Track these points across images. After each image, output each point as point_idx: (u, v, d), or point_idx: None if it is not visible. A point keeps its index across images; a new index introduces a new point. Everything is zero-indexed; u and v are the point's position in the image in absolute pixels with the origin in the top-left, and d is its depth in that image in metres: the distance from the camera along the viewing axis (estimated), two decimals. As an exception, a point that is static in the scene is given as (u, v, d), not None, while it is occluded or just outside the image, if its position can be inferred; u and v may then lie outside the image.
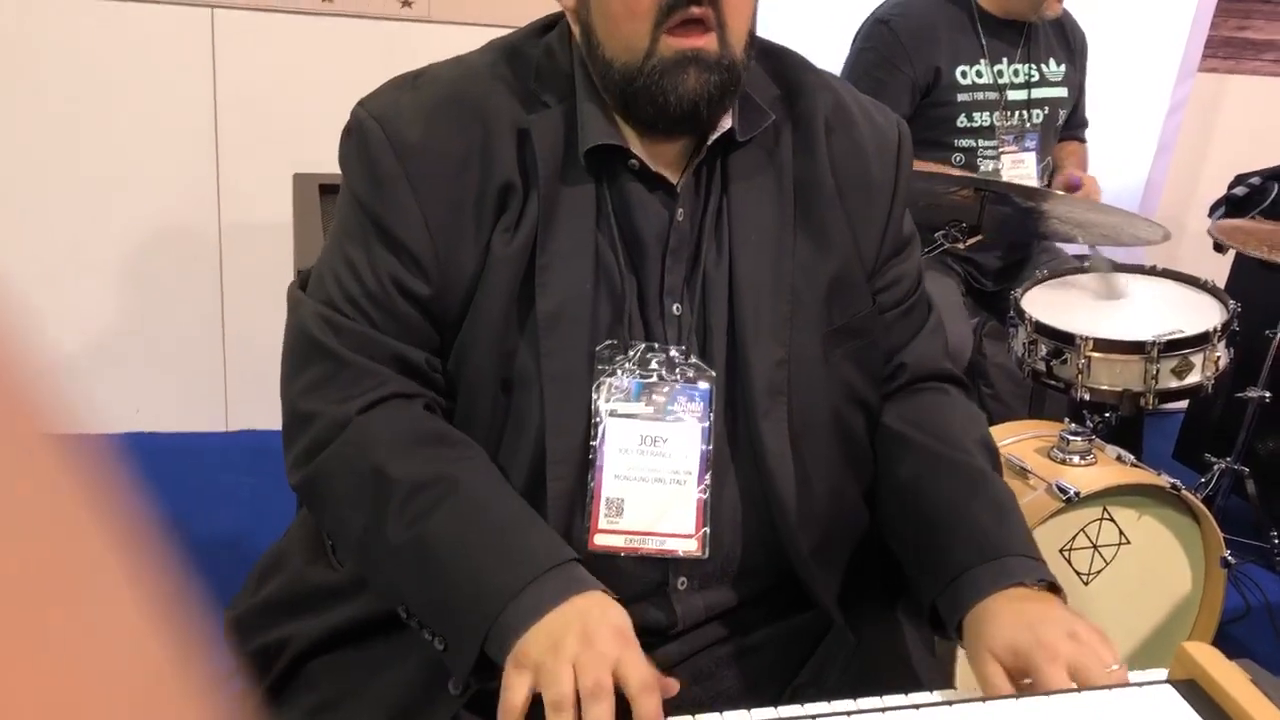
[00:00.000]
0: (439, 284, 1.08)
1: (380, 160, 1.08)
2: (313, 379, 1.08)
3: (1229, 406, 2.67)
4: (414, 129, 1.08)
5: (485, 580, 0.96)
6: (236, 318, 2.95)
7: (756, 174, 1.14)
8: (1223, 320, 2.05)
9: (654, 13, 1.03)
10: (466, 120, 1.09)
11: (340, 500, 1.05)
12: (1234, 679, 0.93)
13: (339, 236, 1.12)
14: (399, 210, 1.07)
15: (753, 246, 1.12)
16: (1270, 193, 3.02)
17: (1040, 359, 2.09)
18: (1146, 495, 2.03)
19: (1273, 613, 2.63)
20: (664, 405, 1.10)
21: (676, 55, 1.04)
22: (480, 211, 1.08)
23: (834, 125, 1.18)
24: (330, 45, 2.77)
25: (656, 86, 1.05)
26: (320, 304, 1.09)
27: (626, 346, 1.10)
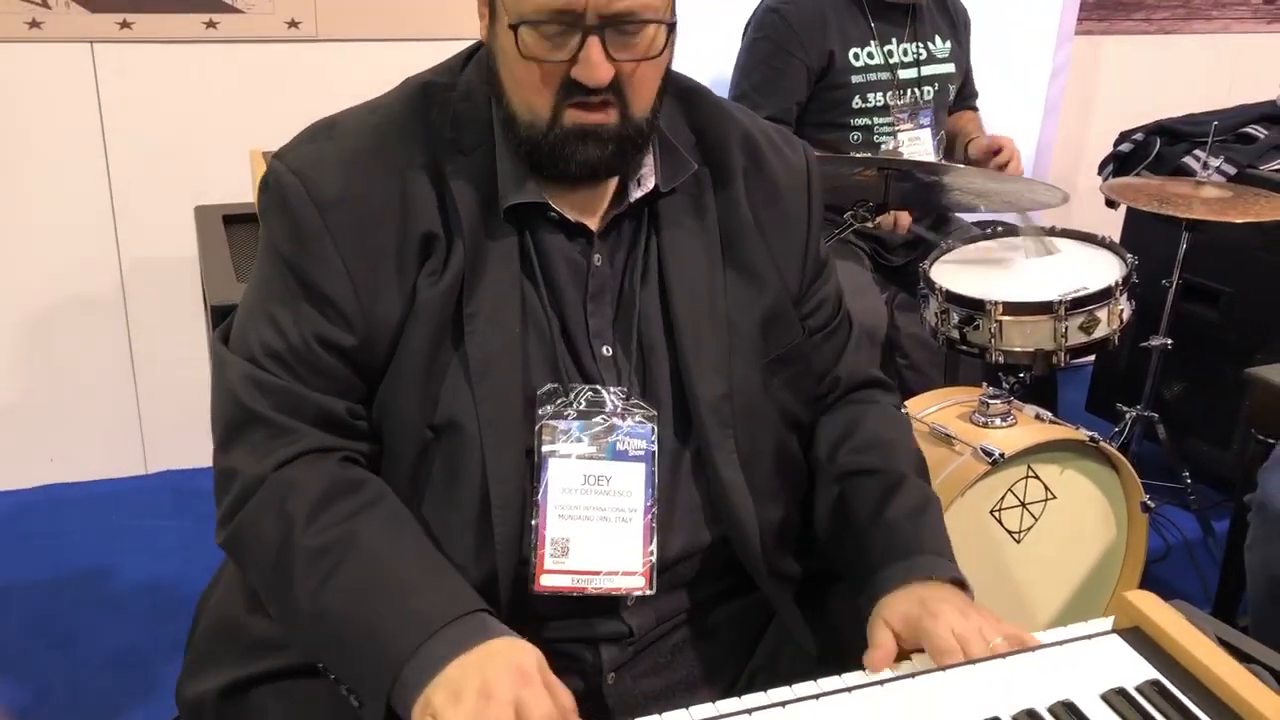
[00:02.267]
0: (363, 334, 1.08)
1: (301, 215, 1.07)
2: (236, 438, 1.08)
3: (1134, 356, 2.77)
4: (333, 182, 1.08)
5: (383, 642, 0.96)
6: (146, 356, 2.88)
7: (683, 219, 1.17)
8: (1123, 274, 2.12)
9: (556, 89, 1.05)
10: (384, 171, 1.09)
11: (256, 562, 1.05)
12: (1173, 621, 0.97)
13: (261, 291, 1.11)
14: (321, 263, 1.07)
15: (687, 288, 1.15)
16: (1154, 147, 3.13)
17: (953, 327, 2.14)
18: (1067, 450, 2.10)
19: (1191, 550, 2.74)
20: (607, 444, 1.12)
21: (577, 128, 1.06)
22: (402, 260, 1.08)
23: (749, 167, 1.21)
24: (218, 71, 2.71)
25: (558, 153, 1.07)
26: (245, 361, 1.08)
27: (568, 389, 1.12)
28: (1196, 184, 2.65)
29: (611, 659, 1.14)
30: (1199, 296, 2.95)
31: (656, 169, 1.15)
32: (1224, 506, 2.72)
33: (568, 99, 1.05)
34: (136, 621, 2.39)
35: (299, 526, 1.01)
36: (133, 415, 2.92)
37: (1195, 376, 3.02)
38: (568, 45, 1.03)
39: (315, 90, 2.78)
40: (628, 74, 1.05)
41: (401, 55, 2.82)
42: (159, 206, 2.73)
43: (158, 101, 2.69)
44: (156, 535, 2.70)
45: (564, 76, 1.04)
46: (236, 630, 1.15)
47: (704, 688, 1.17)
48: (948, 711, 0.89)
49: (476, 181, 1.10)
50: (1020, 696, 0.90)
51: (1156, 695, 0.91)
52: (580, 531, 1.10)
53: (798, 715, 0.89)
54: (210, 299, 1.89)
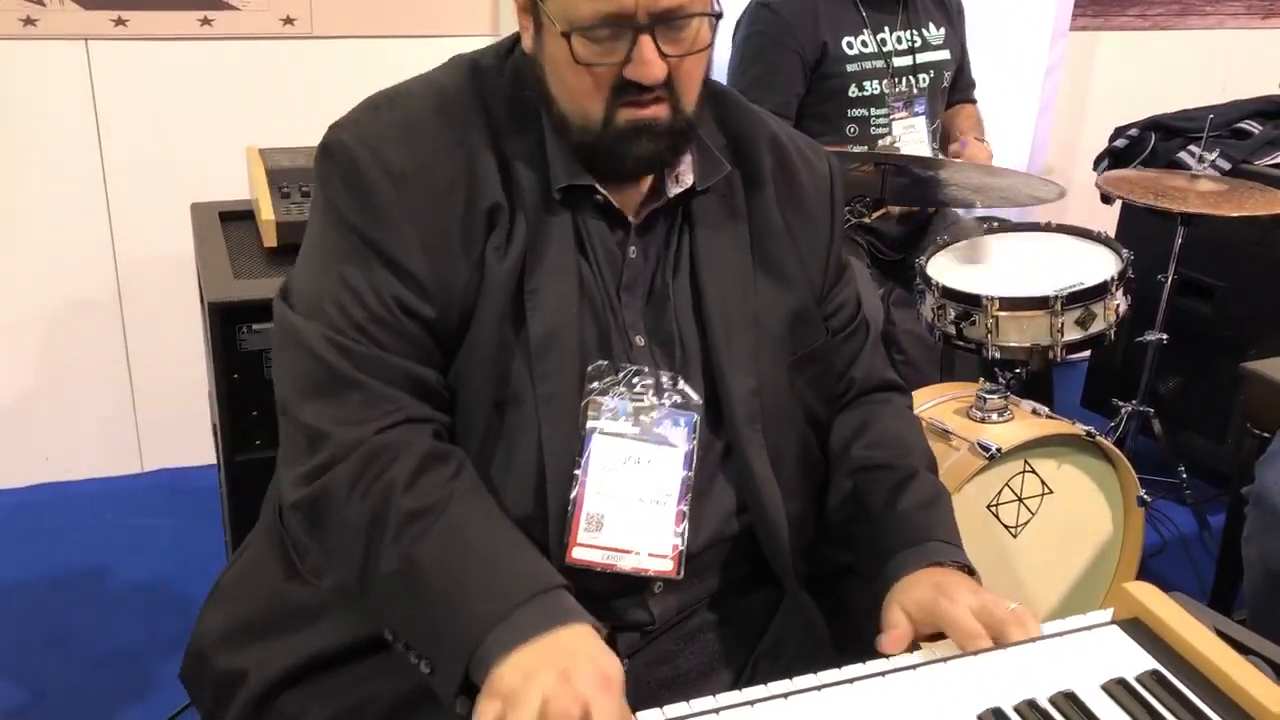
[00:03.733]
0: (440, 305, 1.08)
1: (372, 186, 1.07)
2: (324, 400, 1.06)
3: (1130, 351, 2.77)
4: (402, 154, 1.08)
5: (470, 607, 0.96)
6: (142, 354, 2.87)
7: (716, 218, 1.19)
8: (1119, 269, 2.12)
9: (609, 91, 1.07)
10: (449, 144, 1.10)
11: (344, 522, 1.03)
12: (1173, 613, 0.97)
13: (330, 258, 1.10)
14: (397, 235, 1.07)
15: (719, 285, 1.18)
16: (1149, 142, 3.14)
17: (949, 322, 2.14)
18: (1064, 445, 2.10)
19: (1186, 544, 2.75)
20: (650, 427, 1.14)
21: (631, 125, 1.08)
22: (469, 232, 1.09)
23: (777, 171, 1.24)
24: (213, 69, 2.71)
25: (613, 152, 1.09)
26: (325, 328, 1.07)
27: (617, 368, 1.14)
28: (1191, 178, 2.66)
29: (627, 646, 1.15)
30: (1194, 291, 2.96)
31: (694, 168, 1.17)
32: (1219, 501, 2.72)
33: (621, 99, 1.07)
34: (132, 620, 2.38)
35: (399, 490, 1.01)
36: (128, 414, 2.92)
37: (1191, 371, 3.03)
38: (619, 47, 1.05)
39: (311, 87, 2.78)
40: (677, 68, 1.07)
41: (397, 52, 2.83)
42: (155, 204, 2.72)
43: (153, 98, 2.69)
44: (152, 534, 2.70)
45: (617, 78, 1.06)
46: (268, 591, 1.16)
47: (713, 674, 1.18)
48: (949, 702, 0.89)
49: (534, 161, 1.12)
50: (1021, 687, 0.91)
51: (1157, 685, 0.91)
52: (615, 509, 1.11)
53: (799, 707, 0.89)
54: (207, 296, 1.89)
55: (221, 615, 1.21)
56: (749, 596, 1.23)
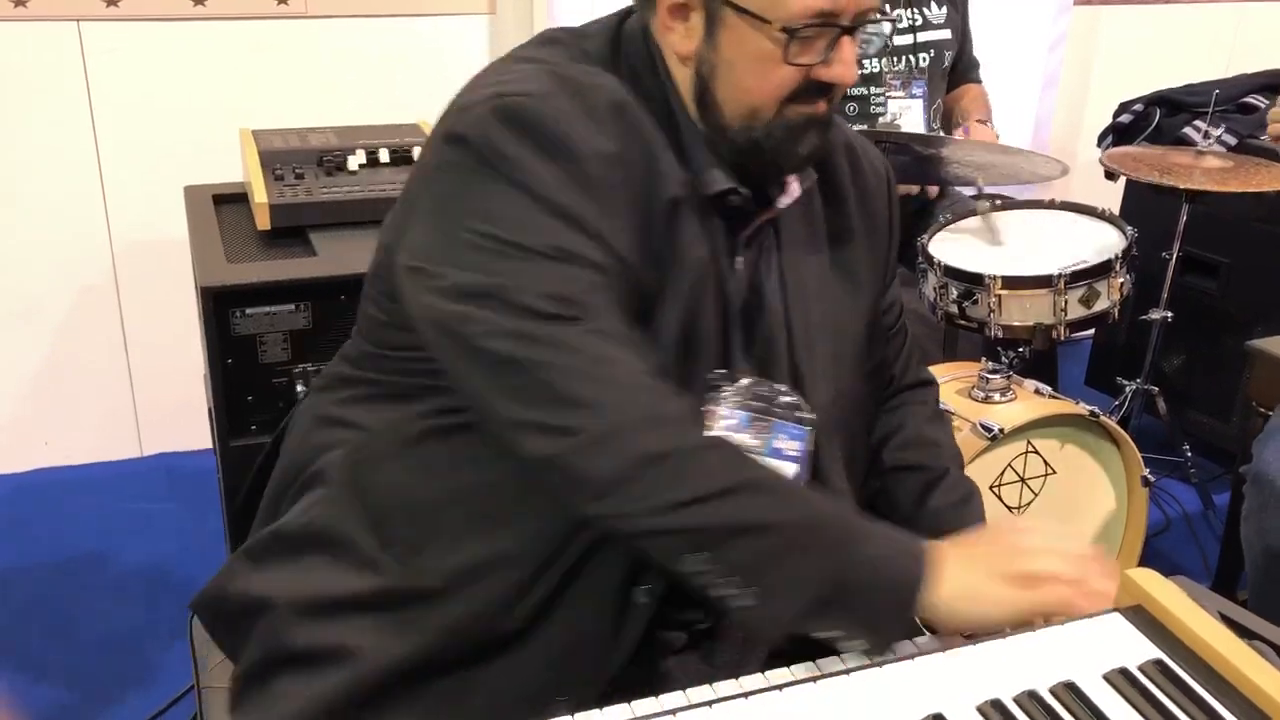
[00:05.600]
0: (641, 293, 1.05)
1: (588, 164, 1.01)
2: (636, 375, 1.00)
3: (1134, 329, 2.75)
4: (600, 136, 1.03)
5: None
6: (140, 338, 2.86)
7: (797, 227, 1.19)
8: (1123, 247, 2.10)
9: (790, 92, 1.06)
10: (635, 132, 1.06)
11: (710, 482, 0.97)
12: (1175, 599, 0.96)
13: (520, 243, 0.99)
14: (607, 217, 1.02)
15: (802, 294, 1.17)
16: (1153, 118, 3.11)
17: (952, 301, 2.12)
18: (1066, 424, 2.09)
19: (1191, 523, 2.73)
20: (768, 440, 1.13)
21: (802, 119, 1.07)
22: (653, 221, 1.06)
23: (852, 177, 1.23)
24: (207, 50, 2.68)
25: (779, 149, 1.08)
26: (585, 326, 0.98)
27: (734, 377, 1.13)
28: (1197, 154, 2.62)
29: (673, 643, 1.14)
30: (1199, 268, 2.93)
31: (799, 178, 1.16)
32: (1224, 479, 2.71)
33: (797, 99, 1.06)
34: (133, 605, 2.38)
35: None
36: (127, 398, 2.91)
37: (1195, 349, 3.01)
38: (819, 46, 1.04)
39: (305, 68, 2.75)
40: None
41: (391, 31, 2.80)
42: (150, 187, 2.70)
43: (146, 80, 2.66)
44: (152, 518, 2.70)
45: (804, 79, 1.05)
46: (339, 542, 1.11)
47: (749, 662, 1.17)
48: (949, 693, 0.88)
49: (687, 158, 1.10)
50: (1022, 677, 0.89)
51: (1159, 674, 0.89)
52: None
53: (796, 697, 0.88)
54: (200, 280, 1.87)
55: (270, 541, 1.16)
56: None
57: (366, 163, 2.17)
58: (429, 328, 1.03)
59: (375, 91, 2.81)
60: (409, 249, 1.05)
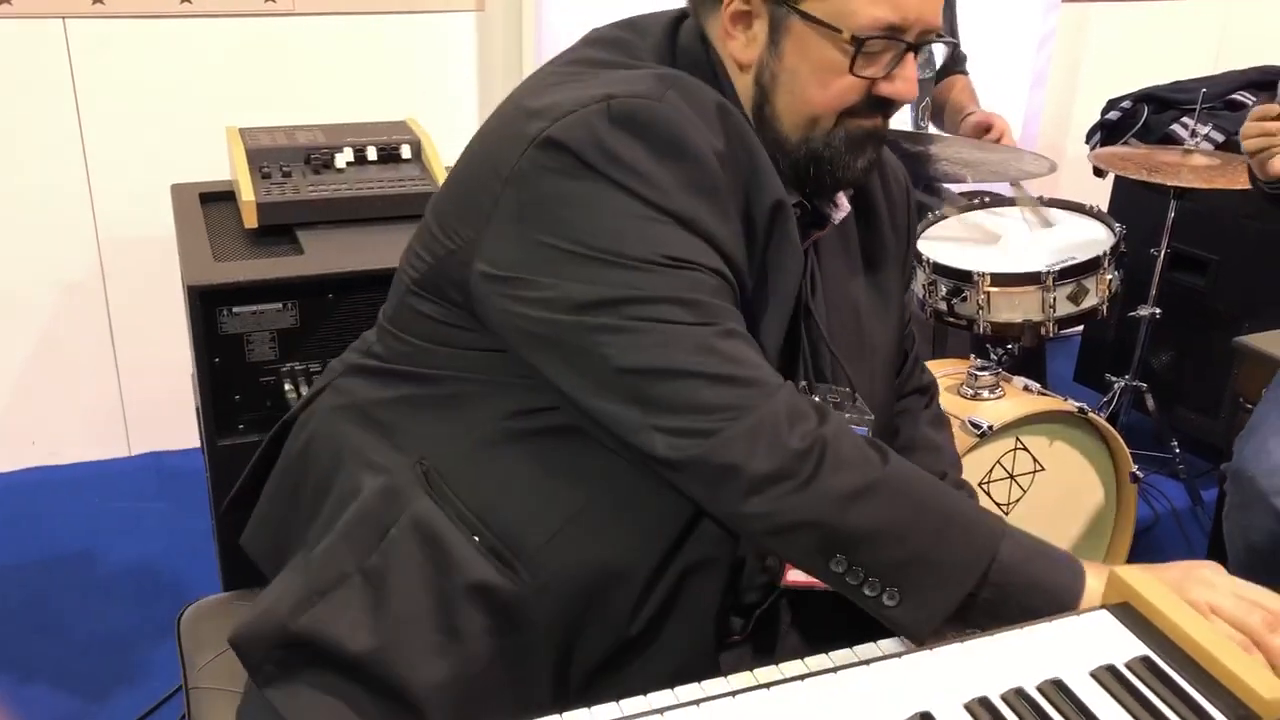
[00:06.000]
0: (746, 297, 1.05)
1: (705, 165, 1.00)
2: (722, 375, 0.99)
3: (1122, 326, 2.76)
4: (713, 136, 1.02)
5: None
6: (127, 337, 2.85)
7: (833, 244, 1.19)
8: (1111, 244, 2.11)
9: (849, 105, 1.06)
10: (739, 136, 1.05)
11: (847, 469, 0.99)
12: (1162, 596, 0.96)
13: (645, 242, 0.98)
14: (721, 218, 1.01)
15: (840, 312, 1.18)
16: (1141, 115, 3.11)
17: (941, 299, 2.13)
18: (1055, 421, 2.09)
19: (1180, 519, 2.74)
20: None
21: (861, 133, 1.07)
22: (756, 225, 1.06)
23: (882, 192, 1.24)
24: (193, 47, 2.67)
25: (839, 160, 1.08)
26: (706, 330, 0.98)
27: (811, 386, 1.14)
28: (1185, 152, 2.63)
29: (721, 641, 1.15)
30: (1187, 265, 2.94)
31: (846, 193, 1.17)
32: (1212, 475, 2.72)
33: (856, 113, 1.06)
34: (122, 604, 2.37)
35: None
36: (114, 397, 2.89)
37: (1183, 346, 3.02)
38: (883, 60, 1.04)
39: (292, 65, 2.74)
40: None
41: (379, 28, 2.79)
42: (137, 184, 2.69)
43: (132, 77, 2.65)
44: (140, 517, 2.68)
45: (866, 92, 1.05)
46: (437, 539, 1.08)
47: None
48: (936, 691, 0.88)
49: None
50: (1009, 675, 0.89)
51: (1146, 672, 0.90)
52: None
53: (782, 696, 0.88)
54: (187, 278, 1.86)
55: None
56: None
57: (354, 161, 2.16)
58: (523, 337, 1.02)
59: (363, 89, 2.80)
60: (492, 258, 1.03)
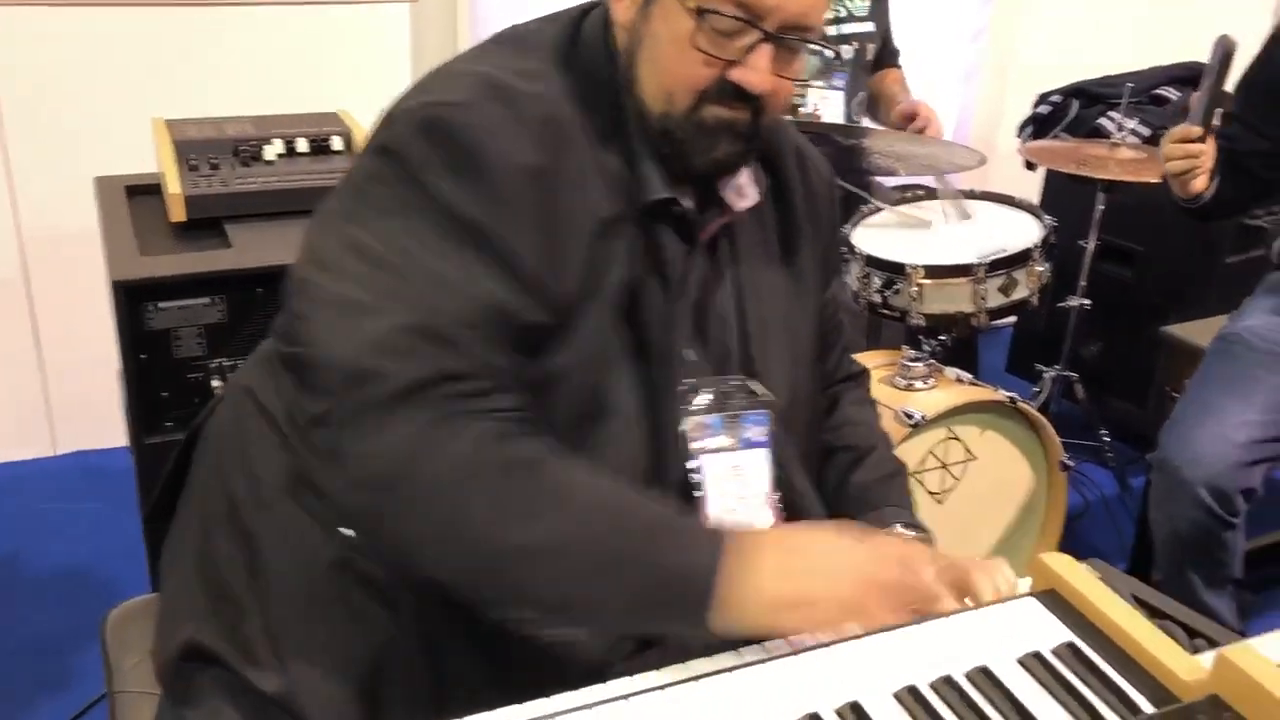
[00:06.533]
0: (547, 308, 1.01)
1: (499, 178, 0.99)
2: (414, 396, 0.94)
3: (1053, 317, 2.81)
4: (528, 149, 1.00)
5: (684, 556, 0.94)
6: (52, 334, 2.78)
7: (750, 232, 1.19)
8: (1041, 235, 2.14)
9: (705, 86, 1.04)
10: (566, 148, 1.03)
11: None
12: (1087, 582, 0.97)
13: (417, 247, 0.98)
14: (517, 232, 0.99)
15: (758, 299, 1.17)
16: (1071, 109, 3.17)
17: (874, 291, 2.14)
18: (987, 411, 2.12)
19: (1108, 506, 2.80)
20: (740, 434, 1.13)
21: (716, 122, 1.05)
22: (580, 239, 1.03)
23: (801, 182, 1.24)
24: (118, 36, 2.61)
25: (692, 145, 1.06)
26: (416, 320, 0.95)
27: (700, 384, 1.12)
28: (1112, 145, 2.68)
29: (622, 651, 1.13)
30: (1115, 257, 3.00)
31: (754, 182, 1.16)
32: (1140, 463, 2.77)
33: (712, 98, 1.04)
34: (48, 608, 2.32)
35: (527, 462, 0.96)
36: (39, 395, 2.82)
37: (1112, 336, 3.08)
38: (736, 45, 1.02)
39: (221, 55, 2.69)
40: (775, 88, 1.05)
41: (311, 18, 2.75)
42: (60, 177, 2.62)
43: (55, 67, 2.58)
44: (68, 519, 2.62)
45: (719, 77, 1.03)
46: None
47: None
48: (866, 680, 0.88)
49: (630, 170, 1.08)
50: (938, 663, 0.90)
51: (1071, 657, 0.91)
52: (731, 519, 1.12)
53: (709, 690, 0.88)
54: (112, 274, 1.82)
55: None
56: None
57: (284, 152, 2.13)
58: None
59: (293, 80, 2.75)
60: (301, 252, 1.03)
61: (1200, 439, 1.92)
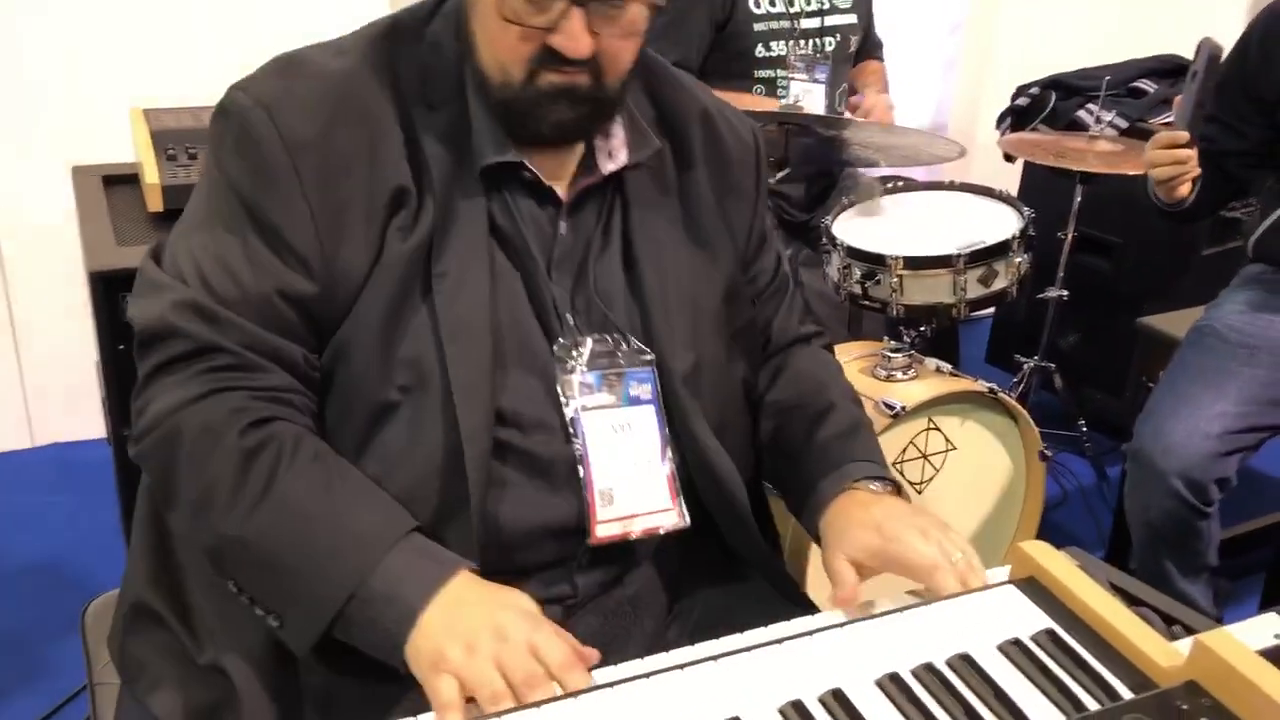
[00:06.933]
0: (324, 281, 1.03)
1: (269, 153, 1.03)
2: (169, 368, 1.03)
3: (1032, 308, 2.82)
4: (304, 124, 1.03)
5: (327, 565, 0.96)
6: (28, 325, 2.76)
7: (648, 195, 1.17)
8: (1020, 227, 2.15)
9: (532, 54, 1.03)
10: (355, 118, 1.05)
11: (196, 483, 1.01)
12: (1065, 570, 0.99)
13: (209, 226, 1.06)
14: (287, 207, 1.03)
15: (655, 264, 1.16)
16: (1049, 101, 3.18)
17: (855, 282, 2.15)
18: (966, 401, 2.13)
19: (1086, 495, 2.82)
20: (623, 392, 1.13)
21: (552, 89, 1.05)
22: (371, 210, 1.04)
23: (707, 144, 1.22)
24: (94, 23, 2.59)
25: (531, 112, 1.06)
26: (190, 294, 1.03)
27: (577, 345, 1.12)
28: (1090, 138, 2.70)
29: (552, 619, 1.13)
30: (1093, 248, 3.01)
31: (627, 143, 1.15)
32: (1117, 453, 2.79)
33: (543, 64, 1.03)
34: (25, 601, 2.30)
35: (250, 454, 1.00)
36: (15, 386, 2.80)
37: (1090, 327, 3.10)
38: (550, 11, 1.01)
39: (198, 43, 2.67)
40: (605, 47, 1.04)
41: (289, 4, 2.73)
42: (36, 166, 2.60)
43: (30, 55, 2.56)
44: (44, 511, 2.61)
45: (541, 42, 1.02)
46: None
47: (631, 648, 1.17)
48: (847, 667, 0.89)
49: (449, 138, 1.07)
50: (919, 650, 0.91)
51: (1050, 644, 0.92)
52: (618, 479, 1.11)
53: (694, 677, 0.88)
54: (89, 264, 1.81)
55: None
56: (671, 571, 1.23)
57: (263, 143, 2.11)
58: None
59: (273, 70, 2.73)
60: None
61: (1174, 429, 1.93)
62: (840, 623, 0.95)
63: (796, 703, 0.85)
